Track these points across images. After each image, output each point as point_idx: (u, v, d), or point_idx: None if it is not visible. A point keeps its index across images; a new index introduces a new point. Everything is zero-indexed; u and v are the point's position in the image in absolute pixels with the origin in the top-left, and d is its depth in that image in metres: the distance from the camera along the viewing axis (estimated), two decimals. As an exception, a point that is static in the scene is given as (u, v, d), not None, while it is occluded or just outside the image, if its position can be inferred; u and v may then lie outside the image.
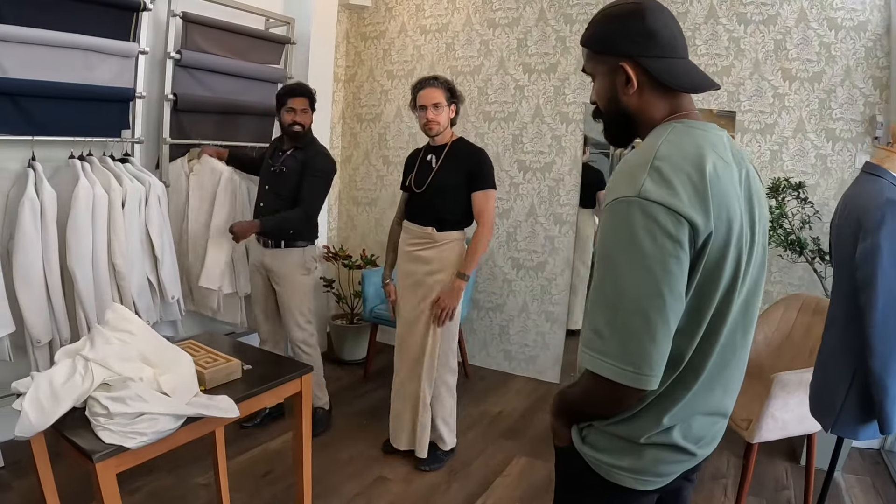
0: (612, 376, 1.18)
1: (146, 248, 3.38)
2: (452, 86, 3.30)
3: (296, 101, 3.52)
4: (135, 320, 2.32)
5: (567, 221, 4.54)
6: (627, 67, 1.29)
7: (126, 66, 3.38)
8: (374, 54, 5.13)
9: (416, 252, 3.37)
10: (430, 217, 3.32)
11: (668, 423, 1.31)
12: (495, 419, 4.06)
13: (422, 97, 3.25)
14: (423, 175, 3.34)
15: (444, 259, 3.32)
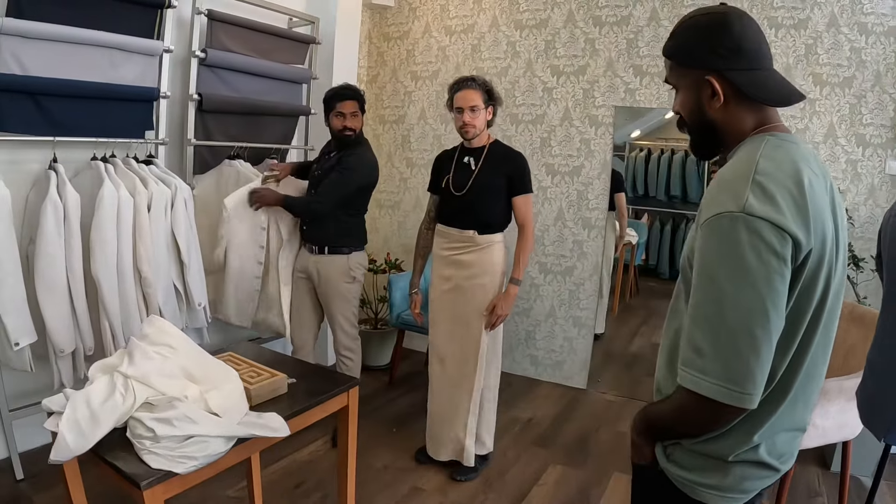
0: (714, 395, 1.15)
1: (172, 254, 3.19)
2: (490, 87, 3.15)
3: (345, 105, 3.38)
4: (175, 333, 2.14)
5: (596, 226, 4.38)
6: (714, 82, 1.27)
7: (150, 64, 3.21)
8: (397, 55, 4.96)
9: (455, 256, 3.21)
10: (472, 220, 3.16)
11: (757, 441, 1.28)
12: (526, 426, 3.90)
13: (458, 99, 3.11)
14: (463, 177, 3.19)
15: (487, 262, 3.17)
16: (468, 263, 3.18)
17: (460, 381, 3.23)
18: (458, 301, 3.20)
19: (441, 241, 3.28)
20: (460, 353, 3.23)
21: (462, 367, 3.22)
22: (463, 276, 3.19)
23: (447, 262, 3.24)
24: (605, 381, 4.55)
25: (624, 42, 4.18)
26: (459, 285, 3.20)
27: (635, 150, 5.82)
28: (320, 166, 3.46)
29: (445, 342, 3.27)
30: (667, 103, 4.12)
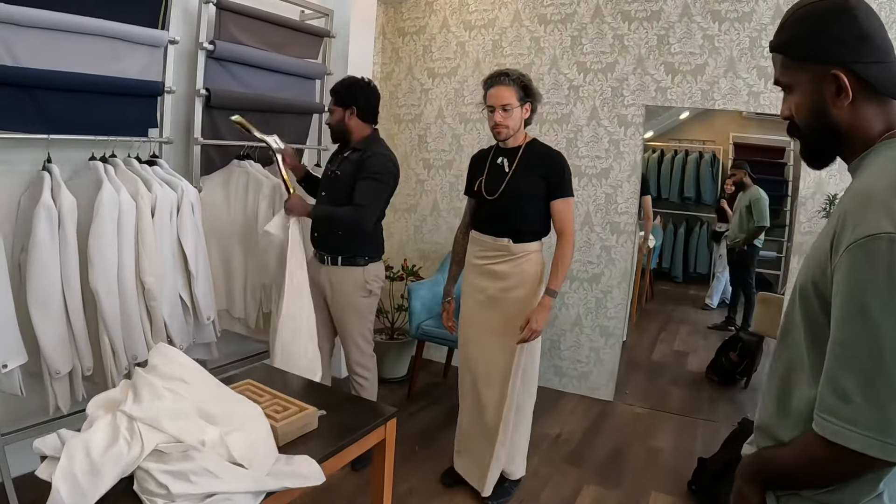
0: (864, 449, 0.97)
1: (178, 263, 2.84)
2: (527, 82, 2.78)
3: None
4: (188, 364, 1.79)
5: (625, 231, 4.05)
6: (842, 76, 1.08)
7: (154, 57, 2.85)
8: (412, 51, 4.60)
9: (488, 266, 2.87)
10: (505, 227, 2.83)
11: (882, 488, 1.09)
12: (555, 443, 3.57)
13: (490, 97, 2.77)
14: (496, 181, 2.85)
15: (523, 274, 2.83)
16: (503, 274, 2.84)
17: (491, 400, 2.90)
18: (492, 314, 2.88)
19: (475, 248, 2.96)
20: (492, 371, 2.89)
21: (493, 385, 2.89)
22: (497, 288, 2.86)
23: (480, 271, 2.91)
24: (631, 393, 4.23)
25: (654, 38, 3.86)
26: (493, 297, 2.87)
27: (648, 151, 5.55)
28: (337, 166, 3.09)
29: (477, 358, 2.94)
30: (699, 102, 3.80)
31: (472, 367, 2.95)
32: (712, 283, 5.76)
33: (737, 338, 4.34)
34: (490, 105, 2.77)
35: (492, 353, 2.88)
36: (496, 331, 2.86)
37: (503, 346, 2.83)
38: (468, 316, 2.97)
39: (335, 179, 3.05)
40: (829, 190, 3.57)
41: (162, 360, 1.75)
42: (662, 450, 3.54)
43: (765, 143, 5.25)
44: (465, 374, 3.01)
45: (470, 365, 2.97)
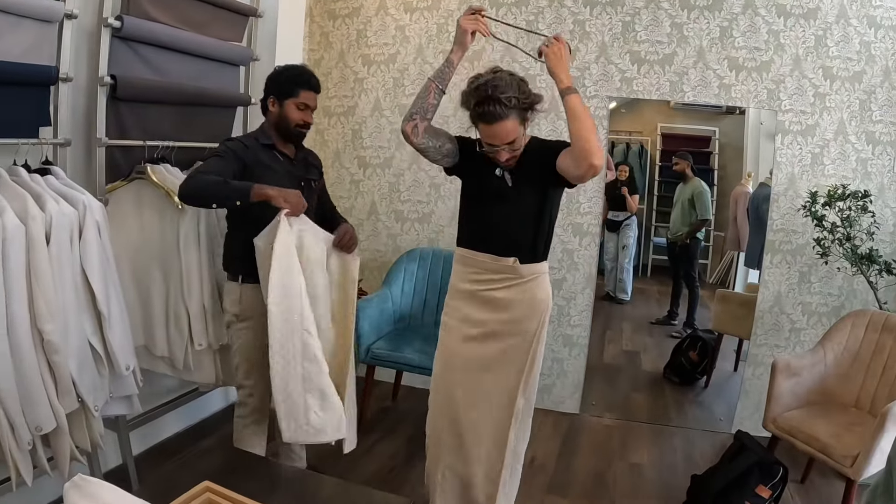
0: None
1: (84, 301, 2.10)
2: (526, 98, 2.09)
3: (310, 97, 2.37)
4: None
5: (589, 233, 3.62)
6: None
7: (46, 34, 2.08)
8: (345, 35, 3.88)
9: (488, 293, 2.23)
10: (512, 245, 2.20)
11: None
12: (532, 469, 3.08)
13: (490, 136, 2.08)
14: (495, 190, 2.20)
15: (533, 301, 2.22)
16: (507, 303, 2.22)
17: (480, 459, 2.28)
18: (491, 352, 2.25)
19: (466, 270, 2.28)
20: (486, 423, 2.27)
21: (485, 441, 2.27)
22: (500, 320, 2.23)
23: (476, 299, 2.25)
24: (596, 403, 3.85)
25: (619, 25, 3.43)
26: (495, 332, 2.24)
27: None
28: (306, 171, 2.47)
29: (467, 407, 2.27)
30: (668, 94, 3.43)
31: (457, 419, 2.29)
32: (613, 276, 5.51)
33: (696, 337, 4.06)
34: (490, 143, 2.10)
35: (486, 400, 2.26)
36: (494, 373, 2.25)
37: (501, 393, 2.25)
38: (456, 352, 2.30)
39: (310, 188, 2.46)
40: (802, 186, 3.31)
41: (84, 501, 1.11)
42: (644, 465, 3.17)
43: (692, 132, 5.03)
44: (445, 427, 2.32)
45: (453, 415, 2.29)
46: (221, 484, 1.46)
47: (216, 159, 2.25)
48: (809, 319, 3.47)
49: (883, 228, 3.25)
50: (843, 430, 2.61)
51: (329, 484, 1.62)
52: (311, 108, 2.39)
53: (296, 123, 2.35)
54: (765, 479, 2.63)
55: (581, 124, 1.97)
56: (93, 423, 2.17)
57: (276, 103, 2.36)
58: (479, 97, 2.04)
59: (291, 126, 2.35)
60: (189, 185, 2.14)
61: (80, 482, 1.16)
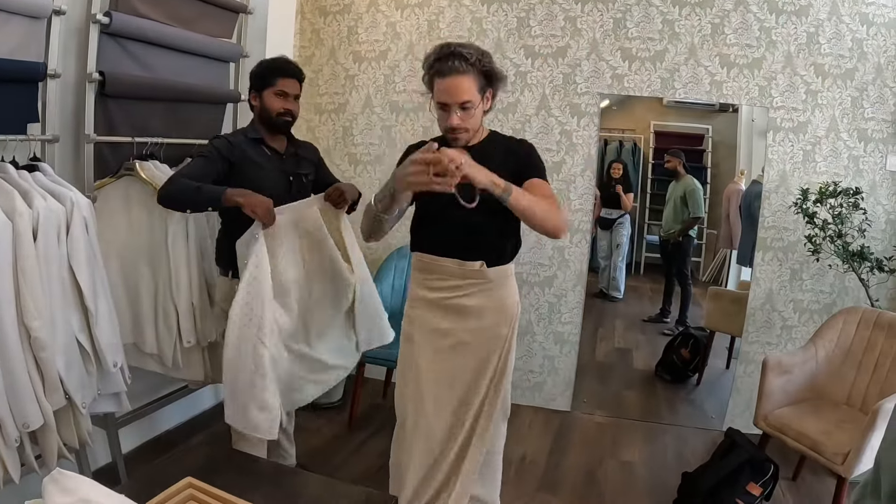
0: None
1: (72, 298, 2.09)
2: (489, 64, 1.98)
3: (288, 84, 2.35)
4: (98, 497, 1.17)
5: (580, 230, 3.62)
6: None
7: (35, 30, 2.08)
8: (336, 32, 3.87)
9: (454, 301, 2.09)
10: (478, 248, 2.06)
11: None
12: (522, 467, 3.10)
13: (443, 91, 1.95)
14: (458, 189, 1.97)
15: (502, 307, 2.13)
16: (475, 310, 2.09)
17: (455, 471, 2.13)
18: (462, 363, 2.11)
19: (428, 278, 2.13)
20: (458, 433, 2.12)
21: (457, 452, 2.12)
22: (468, 328, 2.10)
23: (442, 308, 2.11)
24: (587, 400, 3.85)
25: (610, 21, 3.43)
26: (464, 342, 2.10)
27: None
28: (287, 168, 2.43)
29: (438, 417, 2.12)
30: (659, 91, 3.44)
31: (431, 437, 2.13)
32: (606, 274, 5.51)
33: (688, 334, 4.07)
34: (442, 101, 1.97)
35: (460, 413, 2.12)
36: (466, 385, 2.12)
37: (475, 405, 2.11)
38: (425, 367, 2.13)
39: (304, 184, 2.48)
40: (794, 183, 3.32)
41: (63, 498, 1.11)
42: (635, 464, 3.18)
43: (684, 130, 5.04)
44: (420, 443, 2.13)
45: (429, 430, 2.12)
46: (207, 480, 1.46)
47: (200, 160, 2.27)
48: (801, 317, 3.49)
49: (874, 226, 3.27)
50: (834, 428, 2.62)
51: (315, 481, 1.62)
52: (293, 96, 2.38)
53: (277, 112, 2.34)
54: (756, 476, 2.64)
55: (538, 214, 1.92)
56: (80, 420, 2.17)
57: (256, 97, 2.37)
58: (438, 53, 1.97)
59: (273, 115, 2.35)
60: (166, 190, 2.19)
61: (58, 476, 1.16)
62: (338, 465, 3.00)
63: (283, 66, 2.38)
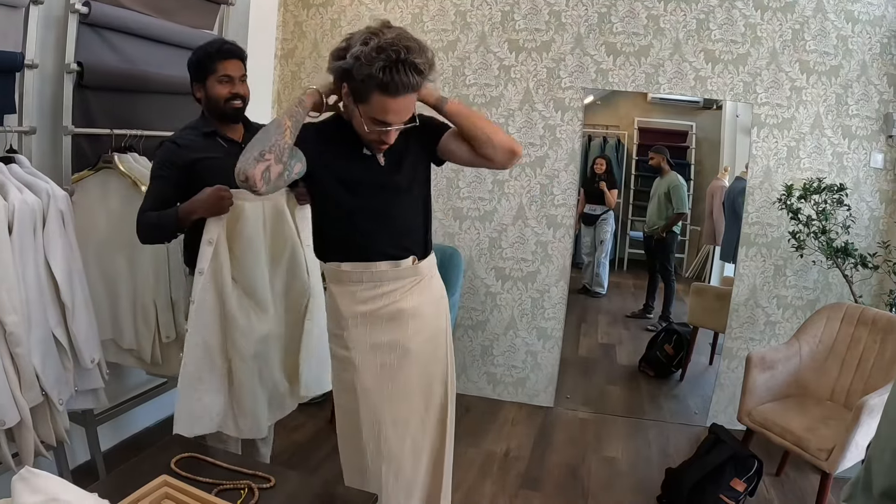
0: None
1: (48, 292, 2.07)
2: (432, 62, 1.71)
3: (230, 66, 2.19)
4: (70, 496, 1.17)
5: (563, 224, 3.65)
6: None
7: (12, 20, 2.06)
8: (318, 25, 3.86)
9: (392, 307, 1.88)
10: (404, 242, 1.90)
11: None
12: (505, 462, 3.12)
13: (388, 111, 1.68)
14: (372, 179, 1.86)
15: (435, 298, 2.00)
16: (415, 311, 1.91)
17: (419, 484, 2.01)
18: (413, 372, 1.93)
19: (356, 289, 1.87)
20: (421, 444, 1.99)
21: (424, 461, 2.00)
22: (413, 334, 1.91)
23: (379, 319, 1.88)
24: (570, 396, 3.88)
25: (595, 16, 3.46)
26: (410, 349, 1.91)
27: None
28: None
29: (398, 436, 1.92)
30: (643, 86, 3.46)
31: (393, 456, 1.92)
32: (590, 270, 5.55)
33: (671, 330, 4.12)
34: (383, 120, 1.70)
35: (416, 425, 1.97)
36: (420, 393, 1.96)
37: (432, 412, 1.99)
38: (375, 388, 1.89)
39: None
40: (778, 180, 3.37)
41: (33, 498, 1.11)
42: (618, 460, 3.21)
43: (669, 127, 5.08)
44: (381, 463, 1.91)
45: (388, 453, 1.91)
46: (183, 478, 1.46)
47: (154, 185, 2.17)
48: (784, 313, 3.54)
49: (858, 222, 3.33)
50: (818, 424, 2.66)
51: (291, 478, 1.62)
52: (238, 78, 2.22)
53: (224, 99, 2.19)
54: (740, 472, 2.67)
55: (479, 122, 1.81)
56: (57, 417, 2.15)
57: (200, 88, 2.22)
58: (385, 60, 1.60)
59: (222, 104, 2.19)
60: (138, 232, 2.16)
61: (26, 475, 1.15)
62: (319, 462, 3.00)
63: (222, 49, 2.21)
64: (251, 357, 2.19)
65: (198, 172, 2.15)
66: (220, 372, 2.19)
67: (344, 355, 1.92)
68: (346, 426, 1.99)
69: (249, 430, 2.25)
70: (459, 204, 3.72)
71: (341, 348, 1.93)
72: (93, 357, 2.24)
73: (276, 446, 2.74)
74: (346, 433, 1.99)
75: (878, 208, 3.40)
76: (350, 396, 1.93)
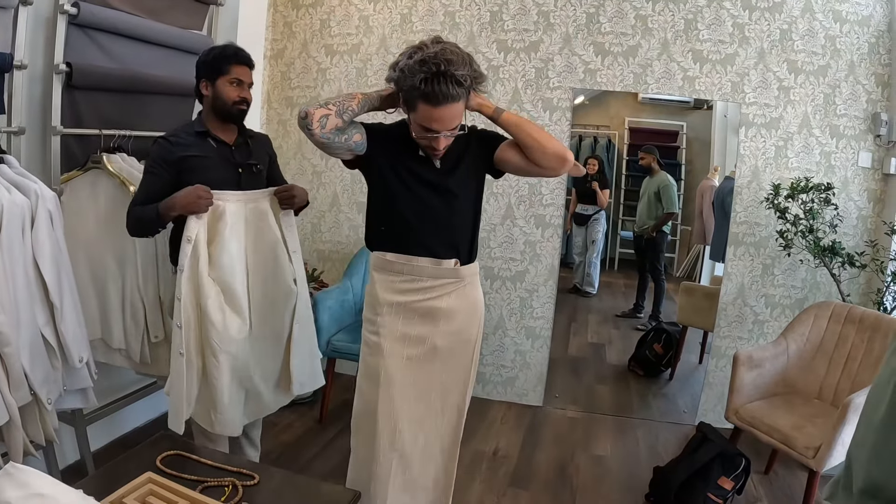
0: None
1: (37, 292, 2.09)
2: (477, 73, 1.84)
3: (242, 71, 2.31)
4: (57, 493, 1.20)
5: (551, 224, 3.69)
6: None
7: (1, 20, 2.10)
8: (308, 25, 3.89)
9: (427, 303, 1.99)
10: (450, 244, 2.00)
11: None
12: (494, 462, 3.15)
13: (433, 119, 1.81)
14: (426, 179, 1.98)
15: (473, 306, 2.07)
16: (446, 312, 1.99)
17: (427, 487, 2.09)
18: (436, 372, 2.02)
19: (395, 279, 2.00)
20: (432, 444, 2.07)
21: (432, 462, 2.08)
22: (443, 333, 2.01)
23: (413, 312, 2.00)
24: (560, 395, 3.92)
25: (583, 16, 3.50)
26: (437, 347, 2.01)
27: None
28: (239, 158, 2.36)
29: (413, 433, 2.02)
30: (631, 86, 3.50)
31: (403, 447, 2.01)
32: (581, 270, 5.58)
33: (661, 329, 4.16)
34: (430, 128, 1.83)
35: (432, 421, 2.05)
36: (440, 392, 2.05)
37: (448, 412, 2.07)
38: (396, 378, 1.99)
39: (258, 175, 2.42)
40: (766, 179, 3.42)
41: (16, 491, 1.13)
42: (607, 458, 3.25)
43: (659, 127, 5.11)
44: (389, 454, 1.99)
45: (398, 444, 1.99)
46: (168, 476, 1.49)
47: (145, 179, 2.28)
48: (773, 311, 3.58)
49: (846, 221, 3.38)
50: (805, 422, 2.69)
51: (276, 475, 1.65)
52: (247, 84, 2.34)
53: (233, 101, 2.29)
54: (727, 470, 2.71)
55: (532, 131, 1.92)
56: (46, 416, 2.18)
57: (208, 85, 2.31)
58: (427, 72, 1.74)
59: (229, 105, 2.29)
60: (128, 226, 2.27)
61: (11, 470, 1.17)
62: (308, 461, 3.03)
63: (237, 54, 2.32)
64: (224, 355, 2.23)
65: (186, 170, 2.25)
66: (195, 367, 2.24)
67: (374, 341, 2.03)
68: (362, 415, 2.08)
69: (223, 426, 2.29)
70: (449, 204, 3.73)
71: (372, 334, 2.05)
72: (81, 356, 2.26)
73: (265, 445, 2.77)
74: (361, 423, 2.08)
75: (865, 207, 3.45)
76: (372, 384, 2.03)
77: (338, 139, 1.89)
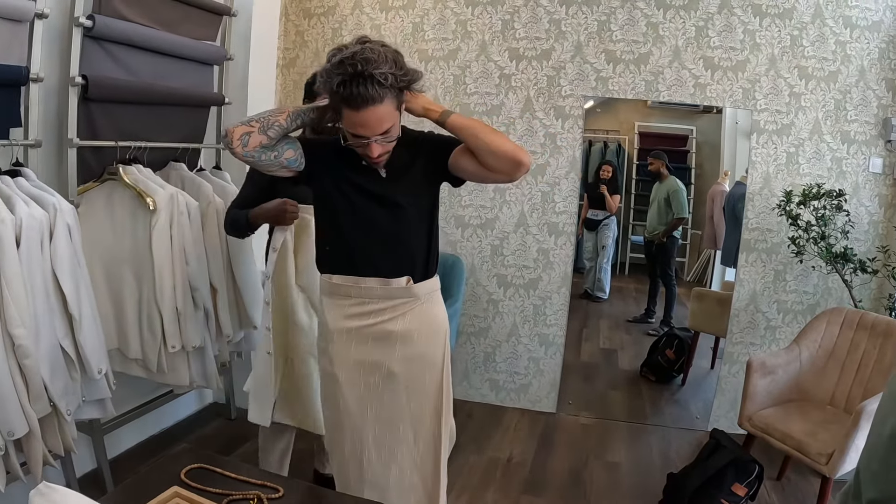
0: None
1: (56, 305, 2.11)
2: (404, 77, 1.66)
3: None
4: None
5: (564, 232, 3.67)
6: None
7: (17, 34, 2.08)
8: (320, 34, 3.89)
9: (379, 326, 1.85)
10: (402, 261, 1.85)
11: None
12: (508, 469, 3.13)
13: (356, 125, 1.66)
14: (371, 192, 1.82)
15: (433, 325, 1.91)
16: (406, 335, 1.86)
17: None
18: (401, 399, 1.88)
19: (345, 303, 1.86)
20: (409, 475, 1.92)
21: (413, 492, 1.92)
22: (401, 358, 1.86)
23: (365, 337, 1.86)
24: (573, 401, 3.90)
25: (594, 24, 3.48)
26: (395, 373, 1.86)
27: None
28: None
29: (383, 463, 1.89)
30: (643, 94, 3.49)
31: (377, 478, 1.89)
32: (591, 275, 5.57)
33: (672, 335, 4.14)
34: (357, 134, 1.68)
35: (400, 453, 1.90)
36: (405, 421, 1.89)
37: (419, 441, 1.91)
38: (358, 410, 1.87)
39: None
40: (777, 185, 3.40)
41: None
42: (620, 464, 3.23)
43: (669, 131, 5.10)
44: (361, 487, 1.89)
45: (374, 475, 1.89)
46: (193, 489, 1.48)
47: (244, 184, 2.40)
48: (785, 317, 3.56)
49: (857, 227, 3.36)
50: (818, 428, 2.67)
51: (300, 488, 1.64)
52: None
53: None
54: (740, 477, 2.68)
55: (481, 133, 1.71)
56: (65, 427, 2.19)
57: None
58: (344, 74, 1.58)
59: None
60: (225, 225, 2.42)
61: (44, 490, 1.16)
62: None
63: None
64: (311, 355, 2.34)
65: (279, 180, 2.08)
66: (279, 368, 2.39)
67: (329, 371, 1.91)
68: (332, 443, 1.98)
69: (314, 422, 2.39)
70: (461, 212, 3.75)
71: (327, 363, 1.92)
72: (100, 368, 2.27)
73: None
74: (334, 450, 1.99)
75: (877, 213, 3.43)
76: (335, 413, 1.92)
77: (265, 157, 1.75)
